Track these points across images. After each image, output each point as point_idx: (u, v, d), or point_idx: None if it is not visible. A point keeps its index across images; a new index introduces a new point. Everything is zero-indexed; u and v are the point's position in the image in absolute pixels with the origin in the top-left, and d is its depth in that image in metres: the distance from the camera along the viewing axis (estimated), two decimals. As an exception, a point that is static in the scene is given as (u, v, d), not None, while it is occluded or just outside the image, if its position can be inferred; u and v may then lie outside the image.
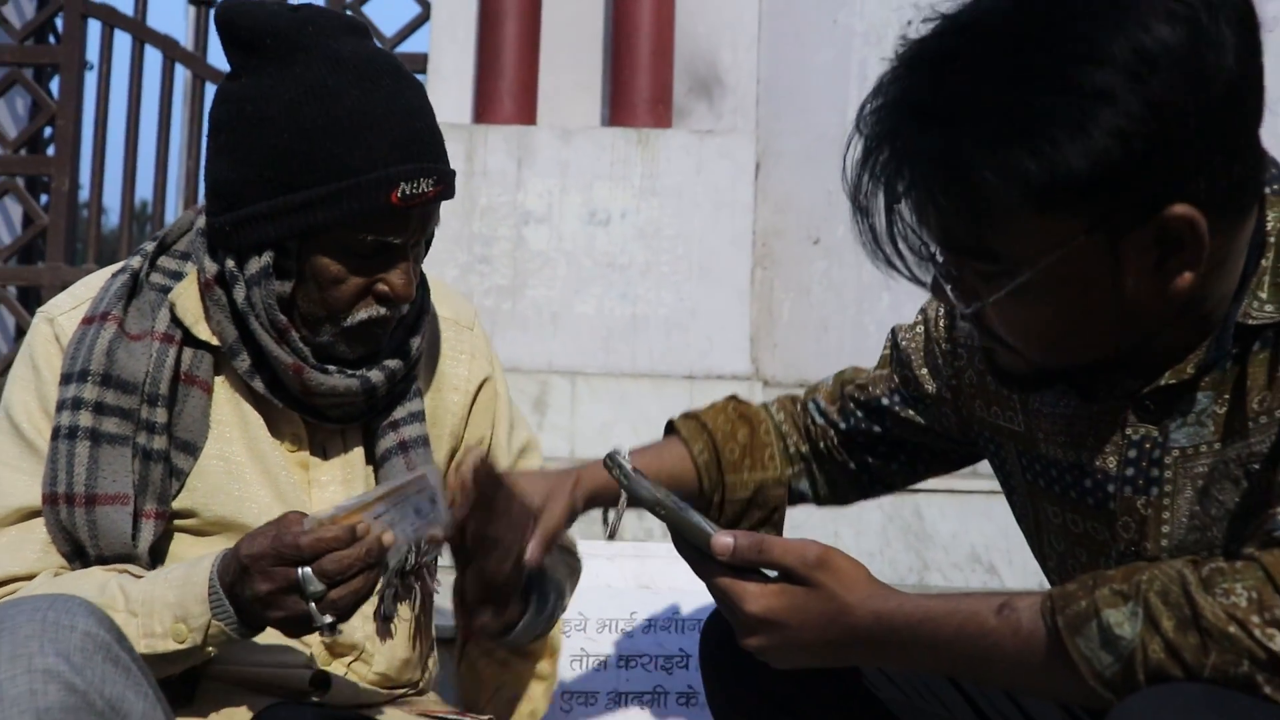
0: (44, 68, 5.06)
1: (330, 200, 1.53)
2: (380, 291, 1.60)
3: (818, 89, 4.07)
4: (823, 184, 4.00)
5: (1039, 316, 1.21)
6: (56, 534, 1.56)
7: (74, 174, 4.89)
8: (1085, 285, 1.17)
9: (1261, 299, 1.20)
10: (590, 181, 3.89)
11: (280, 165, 1.54)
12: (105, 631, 1.32)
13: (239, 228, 1.57)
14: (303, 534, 1.39)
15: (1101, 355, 1.25)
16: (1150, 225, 1.13)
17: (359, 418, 1.68)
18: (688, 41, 4.15)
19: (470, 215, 3.86)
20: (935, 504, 3.15)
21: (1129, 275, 1.16)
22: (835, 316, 3.96)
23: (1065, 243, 1.14)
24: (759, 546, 1.26)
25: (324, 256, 1.57)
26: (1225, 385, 1.24)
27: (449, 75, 4.21)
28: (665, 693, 2.40)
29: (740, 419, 1.77)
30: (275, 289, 1.58)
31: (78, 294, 1.67)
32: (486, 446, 1.80)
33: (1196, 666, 1.04)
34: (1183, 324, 1.23)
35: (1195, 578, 1.06)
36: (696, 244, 3.86)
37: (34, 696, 1.25)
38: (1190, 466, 1.26)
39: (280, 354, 1.59)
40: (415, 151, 1.56)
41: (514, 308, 3.82)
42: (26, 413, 1.61)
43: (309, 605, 1.39)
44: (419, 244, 1.63)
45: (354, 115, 1.53)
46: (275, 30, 1.56)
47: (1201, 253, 1.14)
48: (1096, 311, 1.19)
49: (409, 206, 1.55)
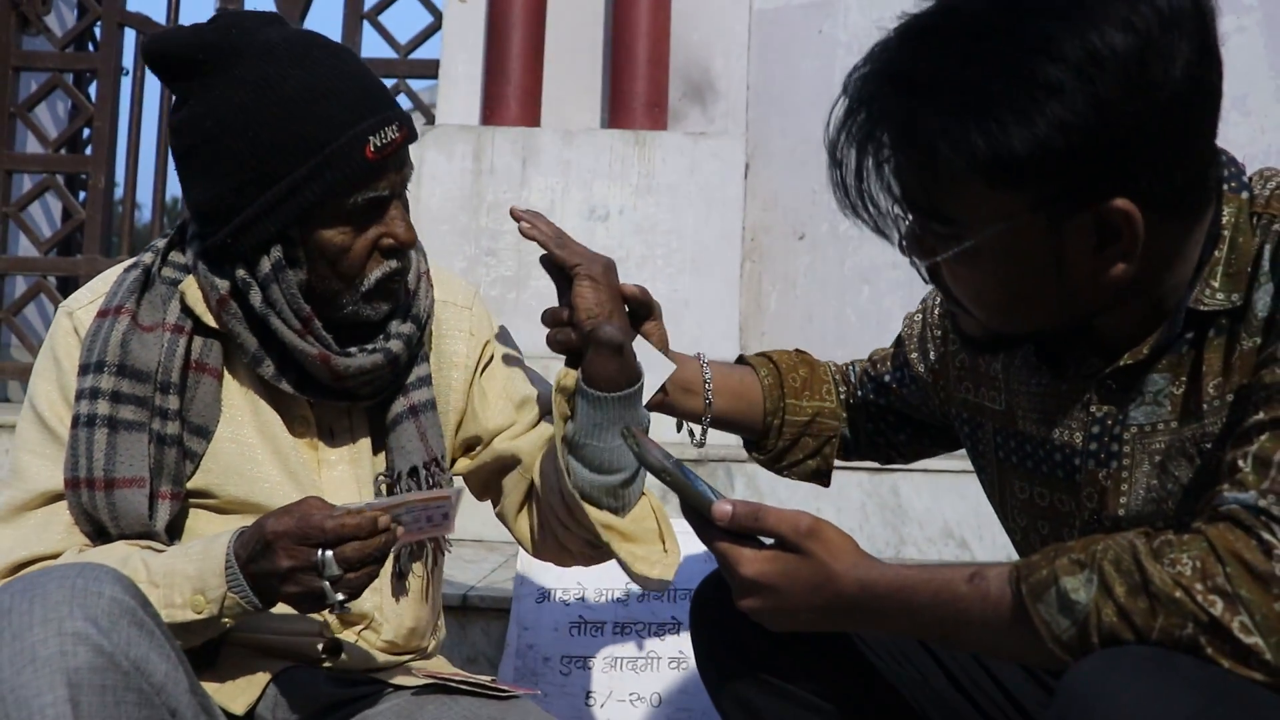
0: (83, 73, 5.05)
1: (312, 176, 1.52)
2: (386, 245, 1.60)
3: (803, 94, 4.06)
4: (808, 183, 3.99)
5: (987, 283, 1.24)
6: (79, 516, 1.56)
7: (110, 172, 4.88)
8: (1028, 258, 1.19)
9: (1214, 287, 1.21)
10: (590, 180, 3.88)
11: (256, 164, 1.52)
12: (130, 598, 1.32)
13: (239, 236, 1.54)
14: (329, 518, 1.40)
15: (1047, 327, 1.27)
16: (1089, 213, 1.15)
17: (388, 388, 1.67)
18: (682, 49, 4.14)
19: (478, 211, 3.85)
20: (911, 482, 3.15)
21: (1069, 256, 1.18)
22: (819, 307, 3.96)
23: (1010, 217, 1.17)
24: (755, 514, 1.27)
25: (325, 230, 1.56)
26: (1182, 368, 1.25)
27: (459, 80, 4.20)
28: (657, 657, 2.40)
29: (802, 361, 1.82)
30: (293, 278, 1.56)
31: (95, 288, 1.66)
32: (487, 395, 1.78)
33: (1145, 629, 1.04)
34: (1137, 308, 1.25)
35: (1146, 547, 1.07)
36: (689, 239, 3.85)
37: (64, 657, 1.25)
38: (1147, 443, 1.28)
39: (305, 347, 1.57)
40: (371, 105, 1.55)
41: (519, 297, 3.81)
42: (49, 402, 1.60)
43: (324, 584, 1.40)
44: (402, 189, 1.62)
45: (305, 91, 1.52)
46: (205, 44, 1.54)
47: (1136, 245, 1.16)
48: (1038, 285, 1.21)
49: (384, 156, 1.55)
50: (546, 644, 2.39)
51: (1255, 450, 1.09)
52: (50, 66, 4.96)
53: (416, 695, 1.60)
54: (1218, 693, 1.00)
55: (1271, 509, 1.05)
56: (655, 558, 1.65)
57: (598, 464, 1.61)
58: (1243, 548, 1.03)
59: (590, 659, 2.39)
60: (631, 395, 1.60)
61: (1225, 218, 1.23)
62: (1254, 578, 1.02)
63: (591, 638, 2.40)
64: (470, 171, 3.88)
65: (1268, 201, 1.23)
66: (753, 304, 4.05)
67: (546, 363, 3.68)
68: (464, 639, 2.51)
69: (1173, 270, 1.23)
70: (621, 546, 1.63)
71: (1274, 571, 1.02)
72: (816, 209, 3.97)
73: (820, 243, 3.96)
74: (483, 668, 2.47)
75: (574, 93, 4.16)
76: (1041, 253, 1.19)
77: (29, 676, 1.24)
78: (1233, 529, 1.05)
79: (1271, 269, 1.19)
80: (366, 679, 1.65)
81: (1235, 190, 1.24)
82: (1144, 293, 1.24)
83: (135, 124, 4.92)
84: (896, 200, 1.23)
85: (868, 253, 3.87)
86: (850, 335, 3.86)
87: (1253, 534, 1.04)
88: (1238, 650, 1.02)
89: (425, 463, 1.66)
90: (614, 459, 1.60)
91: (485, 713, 1.55)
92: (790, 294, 4.01)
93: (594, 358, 1.59)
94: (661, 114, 4.04)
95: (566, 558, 1.74)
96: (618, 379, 1.59)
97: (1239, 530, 1.05)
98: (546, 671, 2.36)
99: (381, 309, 1.63)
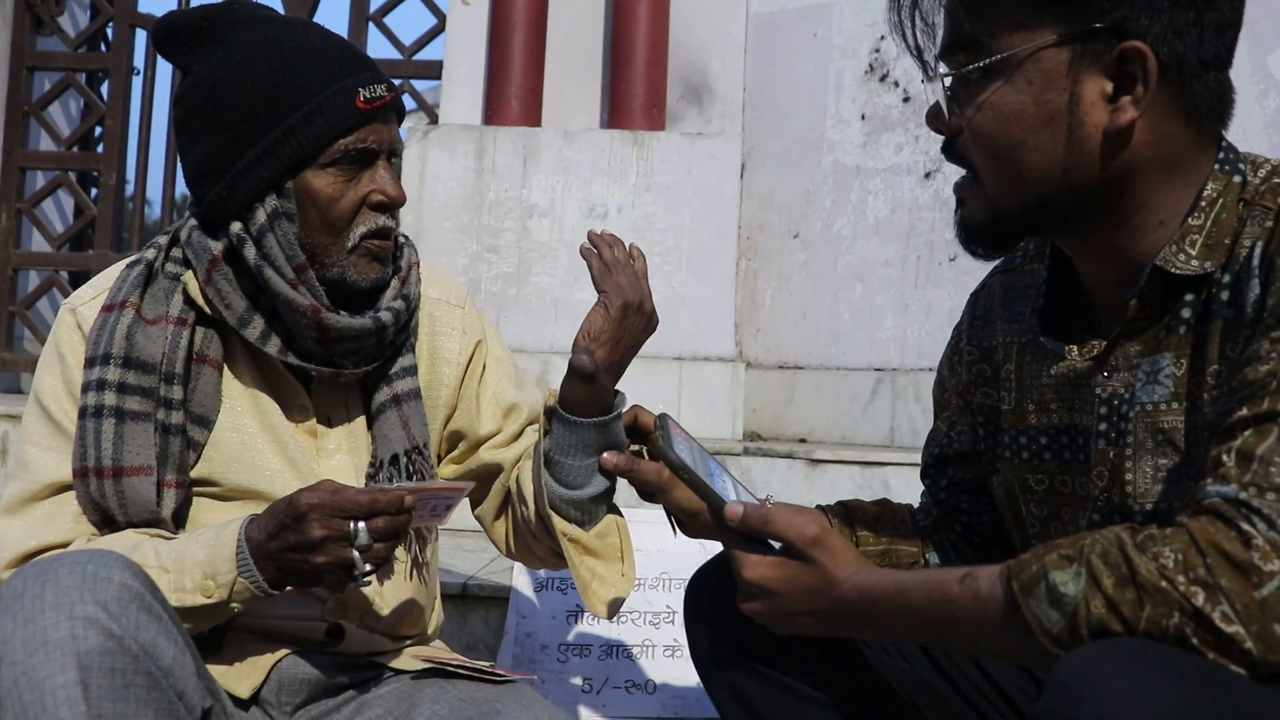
0: (95, 73, 5.05)
1: (305, 122, 1.56)
2: (375, 200, 1.61)
3: (799, 96, 4.06)
4: (802, 183, 3.99)
5: (999, 126, 1.27)
6: (87, 505, 1.56)
7: (121, 169, 4.90)
8: (1045, 88, 1.24)
9: (1189, 253, 1.24)
10: (590, 179, 3.88)
11: (252, 115, 1.56)
12: (139, 583, 1.33)
13: (234, 187, 1.57)
14: (362, 491, 1.44)
15: (1044, 193, 1.28)
16: (1108, 54, 1.21)
17: (372, 360, 1.67)
18: (680, 52, 4.14)
19: (480, 209, 3.85)
20: (901, 475, 3.15)
21: (1084, 96, 1.23)
22: (812, 304, 3.96)
23: (1037, 45, 1.23)
24: (765, 518, 1.28)
25: (315, 178, 1.58)
26: (1184, 350, 1.26)
27: (462, 81, 4.20)
28: (653, 645, 2.40)
29: (876, 502, 1.69)
30: (289, 228, 1.59)
31: (98, 284, 1.67)
32: (476, 399, 1.80)
33: (1133, 620, 1.04)
34: (1118, 259, 1.30)
35: (1131, 541, 1.07)
36: (686, 237, 3.85)
37: (75, 641, 1.26)
38: (1150, 421, 1.28)
39: (296, 298, 1.57)
40: (363, 64, 1.62)
41: (519, 294, 3.82)
42: (54, 396, 1.61)
43: (354, 553, 1.43)
44: (393, 152, 1.65)
45: (301, 50, 1.58)
46: (208, 15, 1.61)
47: (1147, 92, 1.21)
48: (1050, 132, 1.25)
49: (373, 108, 1.58)
50: (544, 632, 2.40)
51: (1239, 445, 1.09)
52: (63, 66, 4.97)
53: (415, 679, 1.62)
54: (1206, 684, 1.00)
55: (1252, 501, 1.05)
56: (612, 577, 1.68)
57: (567, 480, 1.64)
58: (1222, 539, 1.03)
59: (587, 647, 2.39)
60: (604, 423, 1.63)
61: (1211, 191, 1.25)
62: (1234, 568, 1.02)
63: (588, 626, 2.41)
64: (472, 170, 3.88)
65: (1257, 190, 1.24)
66: (748, 301, 4.05)
67: (546, 358, 3.69)
68: (464, 627, 2.52)
69: (1157, 231, 1.27)
70: (582, 560, 1.66)
71: (1253, 561, 1.02)
72: (811, 208, 3.98)
73: (814, 242, 3.97)
74: (482, 655, 2.47)
75: (574, 93, 4.16)
76: (1058, 88, 1.23)
77: (41, 659, 1.25)
78: (1213, 521, 1.05)
79: (1260, 266, 1.20)
80: (367, 663, 1.66)
81: (1228, 173, 1.26)
82: (1126, 219, 1.28)
83: (146, 123, 4.93)
84: (938, 47, 1.31)
85: (860, 251, 3.88)
86: (843, 332, 3.87)
87: (1232, 525, 1.04)
88: (1220, 640, 1.02)
89: (407, 450, 1.67)
90: (582, 477, 1.64)
91: (482, 695, 1.56)
92: (785, 291, 4.02)
93: (566, 381, 1.63)
94: (660, 115, 4.04)
95: (536, 561, 1.80)
96: (588, 406, 1.63)
97: (1219, 522, 1.05)
98: (544, 659, 2.37)
99: (369, 274, 1.63)
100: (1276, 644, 1.01)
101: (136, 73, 4.94)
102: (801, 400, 3.90)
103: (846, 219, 3.92)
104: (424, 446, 1.69)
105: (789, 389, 3.93)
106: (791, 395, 3.93)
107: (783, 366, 3.98)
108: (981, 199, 1.33)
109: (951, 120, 1.32)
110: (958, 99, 1.31)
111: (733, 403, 3.73)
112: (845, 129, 3.95)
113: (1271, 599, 1.01)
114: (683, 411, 3.70)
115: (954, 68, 1.31)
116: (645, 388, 3.67)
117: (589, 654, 2.38)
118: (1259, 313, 1.18)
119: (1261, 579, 1.01)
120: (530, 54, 4.06)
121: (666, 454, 1.34)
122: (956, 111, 1.31)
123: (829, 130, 3.98)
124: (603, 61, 4.16)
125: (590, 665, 2.37)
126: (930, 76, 1.34)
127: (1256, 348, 1.15)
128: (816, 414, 3.86)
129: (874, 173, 3.88)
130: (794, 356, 3.97)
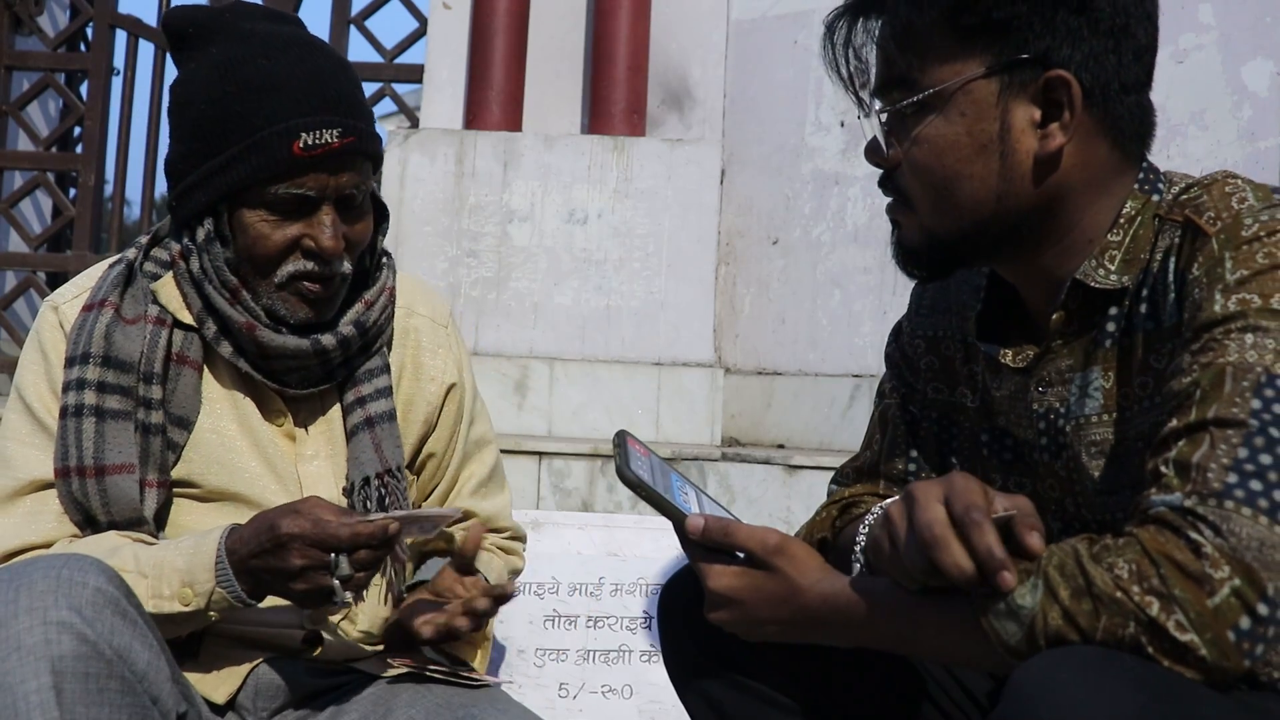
0: (74, 73, 5.04)
1: (241, 157, 1.54)
2: (306, 246, 1.58)
3: (779, 103, 4.08)
4: (782, 189, 4.01)
5: (933, 157, 1.31)
6: (69, 505, 1.56)
7: (99, 170, 4.87)
8: (977, 119, 1.28)
9: (1108, 269, 1.29)
10: (570, 184, 3.89)
11: (201, 136, 1.56)
12: (114, 588, 1.33)
13: (181, 201, 1.60)
14: (343, 525, 1.43)
15: (981, 225, 1.31)
16: (1034, 83, 1.25)
17: (318, 383, 1.66)
18: (661, 58, 4.15)
19: (460, 213, 3.86)
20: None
21: (1014, 125, 1.27)
22: (791, 310, 3.98)
23: (966, 78, 1.27)
24: (725, 530, 1.29)
25: (248, 213, 1.57)
26: (1110, 363, 1.30)
27: (443, 85, 4.21)
28: (629, 650, 2.42)
29: None
30: (220, 253, 1.58)
31: (79, 283, 1.68)
32: (450, 453, 1.84)
33: (1090, 631, 1.06)
34: (1047, 272, 1.33)
35: (1088, 552, 1.09)
36: (666, 242, 3.87)
37: (49, 645, 1.27)
38: (1084, 434, 1.32)
39: (233, 314, 1.58)
40: (317, 105, 1.55)
41: (498, 298, 3.83)
42: (36, 393, 1.61)
43: (334, 582, 1.43)
44: (345, 197, 1.59)
45: (257, 80, 1.54)
46: (196, 21, 1.61)
47: (1073, 118, 1.25)
48: (983, 161, 1.28)
49: (312, 155, 1.53)
50: (520, 636, 2.41)
51: (1175, 456, 1.11)
52: (42, 66, 4.95)
53: (392, 684, 1.62)
54: (1160, 691, 1.01)
55: (1197, 509, 1.06)
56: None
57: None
58: (1173, 549, 1.05)
59: (563, 651, 2.40)
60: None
61: (1130, 209, 1.30)
62: (1186, 577, 1.04)
63: (565, 631, 2.42)
64: (453, 174, 3.88)
65: (1170, 206, 1.29)
66: (727, 306, 4.07)
67: (525, 362, 3.70)
68: (441, 631, 2.52)
69: (1082, 251, 1.31)
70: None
71: (1204, 570, 1.03)
72: (790, 215, 3.99)
73: (793, 248, 3.98)
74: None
75: (555, 98, 4.17)
76: (989, 118, 1.27)
77: (14, 664, 1.25)
78: (1162, 531, 1.07)
79: (1175, 279, 1.24)
80: (344, 669, 1.66)
81: (1146, 192, 1.31)
82: (1057, 240, 1.31)
83: (125, 123, 4.91)
84: (868, 85, 1.36)
85: (839, 258, 3.90)
86: (821, 338, 3.89)
87: (1182, 535, 1.06)
88: (1175, 648, 1.03)
89: (379, 473, 1.66)
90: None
91: (458, 700, 1.57)
92: (764, 297, 4.03)
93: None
94: (640, 120, 4.05)
95: None
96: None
97: (1168, 532, 1.07)
98: (520, 663, 2.38)
99: (297, 313, 1.61)
100: (1230, 651, 1.02)
101: (116, 73, 4.92)
102: (780, 406, 3.92)
103: (826, 226, 3.94)
104: (397, 470, 1.68)
105: (768, 395, 3.95)
106: (770, 401, 3.94)
107: (761, 372, 4.00)
108: (916, 225, 1.36)
109: (890, 153, 1.35)
110: (895, 133, 1.35)
111: (711, 408, 3.75)
112: (825, 136, 3.97)
113: (1224, 606, 1.03)
114: (661, 417, 3.71)
115: (889, 104, 1.34)
116: (624, 392, 3.69)
117: (565, 659, 2.40)
118: (1176, 324, 1.23)
119: (1214, 587, 1.03)
120: (511, 59, 4.07)
121: (623, 473, 1.33)
122: (895, 144, 1.34)
123: (809, 137, 4.00)
124: (584, 67, 4.17)
125: (566, 670, 2.38)
126: (866, 112, 1.37)
127: (1179, 360, 1.18)
128: (795, 420, 3.88)
129: (853, 180, 3.90)
130: (773, 362, 3.99)
